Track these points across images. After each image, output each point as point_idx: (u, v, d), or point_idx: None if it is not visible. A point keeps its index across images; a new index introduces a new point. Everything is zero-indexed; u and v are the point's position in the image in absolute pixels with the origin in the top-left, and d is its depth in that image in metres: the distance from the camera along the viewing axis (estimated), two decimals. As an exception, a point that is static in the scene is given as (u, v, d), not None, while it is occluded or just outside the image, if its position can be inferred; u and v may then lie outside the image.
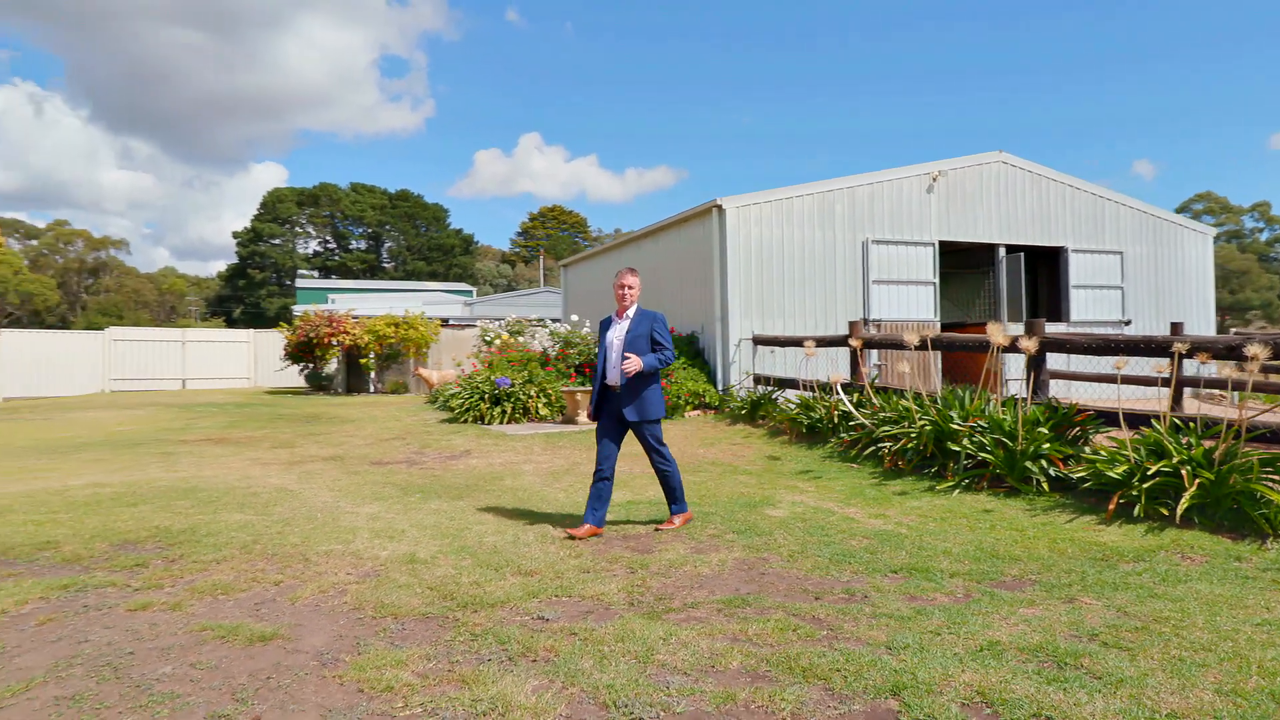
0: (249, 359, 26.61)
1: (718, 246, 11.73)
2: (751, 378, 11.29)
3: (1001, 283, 13.70)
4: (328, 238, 79.33)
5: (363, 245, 78.96)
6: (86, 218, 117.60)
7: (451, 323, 23.04)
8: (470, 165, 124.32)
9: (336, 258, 77.83)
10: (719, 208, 11.71)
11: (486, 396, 11.73)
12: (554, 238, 78.93)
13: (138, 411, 16.69)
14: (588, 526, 5.48)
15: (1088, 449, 6.08)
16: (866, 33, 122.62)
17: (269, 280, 75.90)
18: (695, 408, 11.34)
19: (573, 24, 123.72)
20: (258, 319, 64.14)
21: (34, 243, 73.20)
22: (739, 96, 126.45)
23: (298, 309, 26.10)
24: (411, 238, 77.66)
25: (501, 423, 11.56)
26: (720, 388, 11.68)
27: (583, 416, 11.28)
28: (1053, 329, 13.81)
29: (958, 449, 6.60)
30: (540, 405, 11.84)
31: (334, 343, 21.06)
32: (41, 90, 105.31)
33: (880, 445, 7.46)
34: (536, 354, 13.23)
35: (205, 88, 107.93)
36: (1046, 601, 4.10)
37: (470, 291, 41.87)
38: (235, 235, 75.98)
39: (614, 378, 5.61)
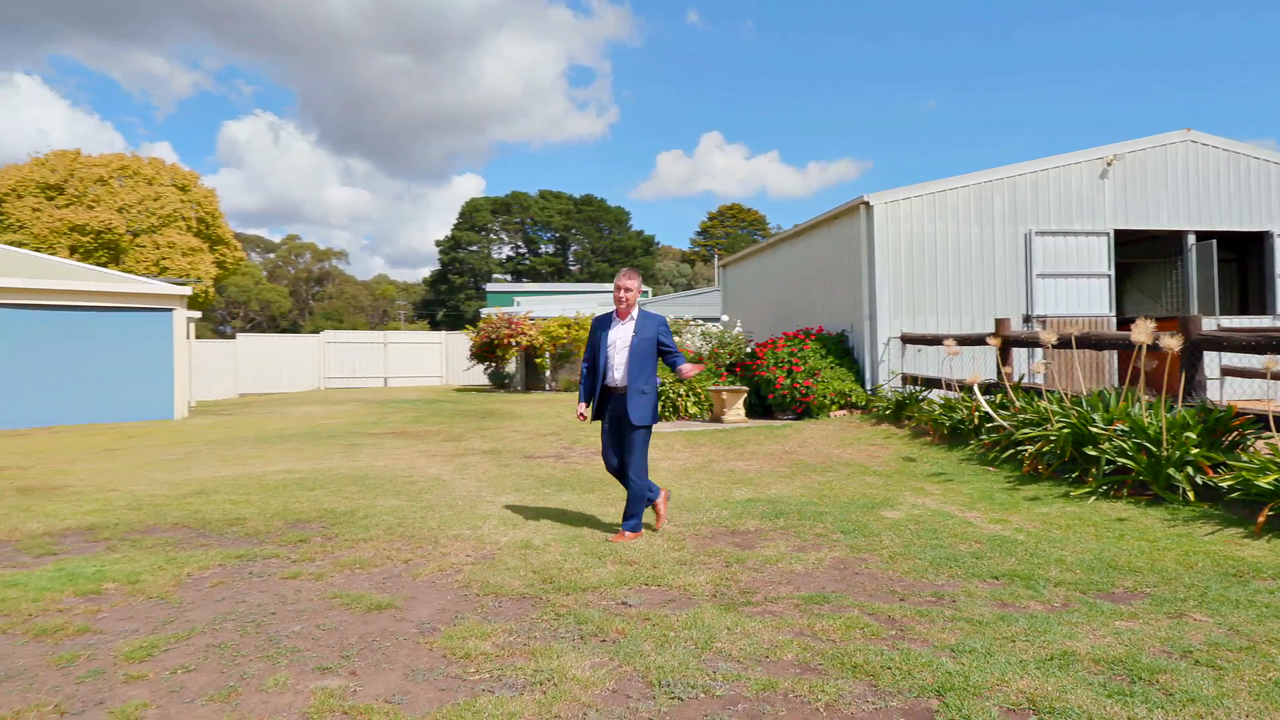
0: (441, 359, 28.84)
1: (865, 244, 11.50)
2: (900, 377, 11.00)
3: (1191, 273, 12.44)
4: (519, 243, 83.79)
5: (550, 249, 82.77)
6: (315, 231, 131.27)
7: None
8: (652, 167, 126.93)
9: (526, 261, 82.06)
10: (866, 204, 11.48)
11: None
12: (732, 236, 79.00)
13: (341, 406, 18.61)
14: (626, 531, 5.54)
15: (1244, 456, 5.56)
16: (1057, 17, 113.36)
17: (467, 284, 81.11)
18: (841, 407, 11.21)
19: (754, 21, 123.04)
20: (457, 321, 68.86)
21: (271, 256, 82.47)
22: (924, 85, 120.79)
23: (485, 312, 27.95)
24: (595, 240, 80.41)
25: (652, 420, 11.96)
26: (868, 387, 11.47)
27: (729, 414, 11.47)
28: (1254, 322, 12.40)
29: (1096, 454, 6.22)
30: (690, 404, 12.15)
31: (512, 343, 22.41)
32: (278, 119, 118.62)
33: (1019, 448, 7.13)
34: (689, 353, 13.56)
35: (413, 108, 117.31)
36: (1150, 615, 3.88)
37: (646, 292, 42.90)
38: (438, 243, 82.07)
39: (617, 379, 5.60)
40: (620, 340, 5.66)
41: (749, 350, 12.89)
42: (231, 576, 4.68)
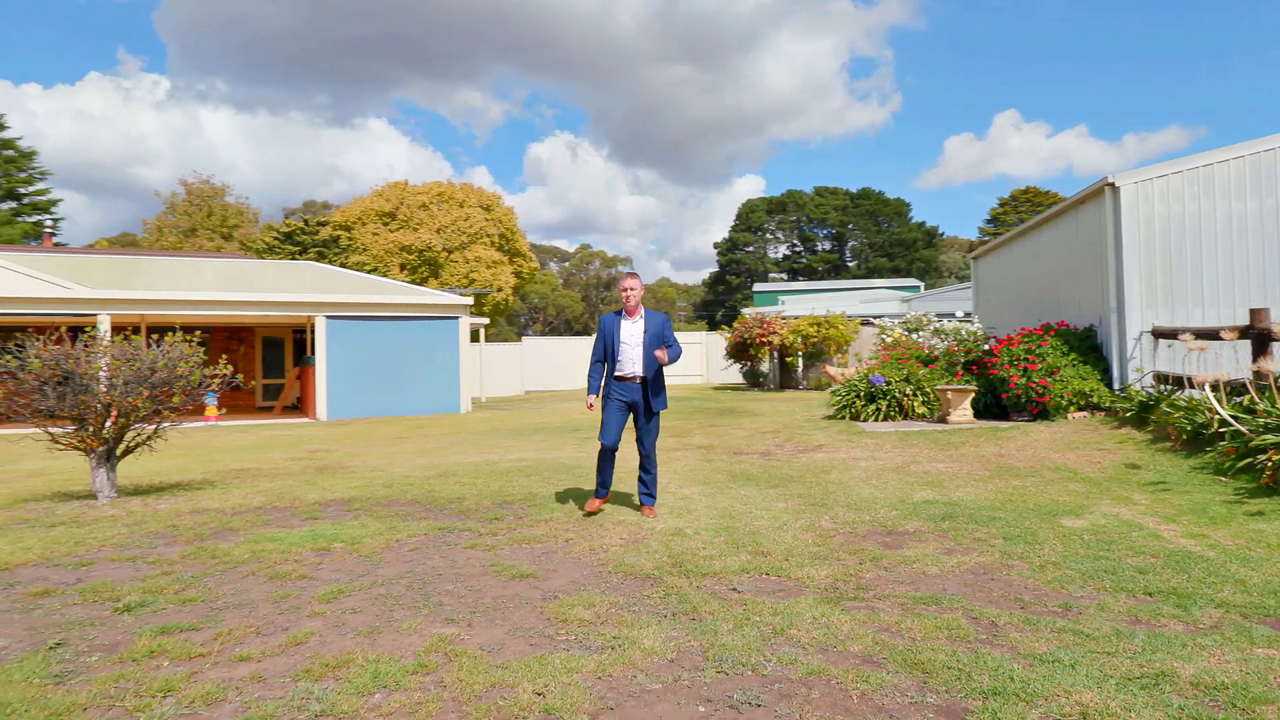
0: (702, 358, 29.90)
1: (1111, 229, 10.31)
2: (1152, 375, 9.78)
3: None
4: (795, 241, 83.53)
5: (827, 246, 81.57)
6: (607, 239, 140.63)
7: (873, 320, 23.23)
8: (939, 153, 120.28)
9: (803, 260, 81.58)
10: (1111, 186, 10.30)
11: (862, 394, 12.00)
12: (1026, 221, 72.64)
13: (601, 403, 20.08)
14: (598, 499, 6.39)
15: None
16: None
17: (744, 284, 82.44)
18: (1081, 408, 10.21)
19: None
20: (733, 321, 70.38)
21: (565, 264, 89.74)
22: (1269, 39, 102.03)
23: (746, 312, 28.51)
24: (873, 235, 77.97)
25: (876, 420, 11.73)
26: (1116, 386, 10.33)
27: (955, 415, 10.94)
28: None
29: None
30: (917, 404, 11.73)
31: (764, 343, 22.74)
32: (574, 138, 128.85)
33: (1259, 457, 6.21)
34: (924, 351, 13.04)
35: (694, 115, 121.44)
36: (1306, 646, 3.43)
37: (917, 286, 40.99)
38: (715, 245, 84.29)
39: (635, 370, 6.26)
40: (633, 336, 6.30)
41: (986, 348, 12.15)
42: (428, 544, 5.60)
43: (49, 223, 40.44)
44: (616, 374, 6.33)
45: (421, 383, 18.30)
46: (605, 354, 6.39)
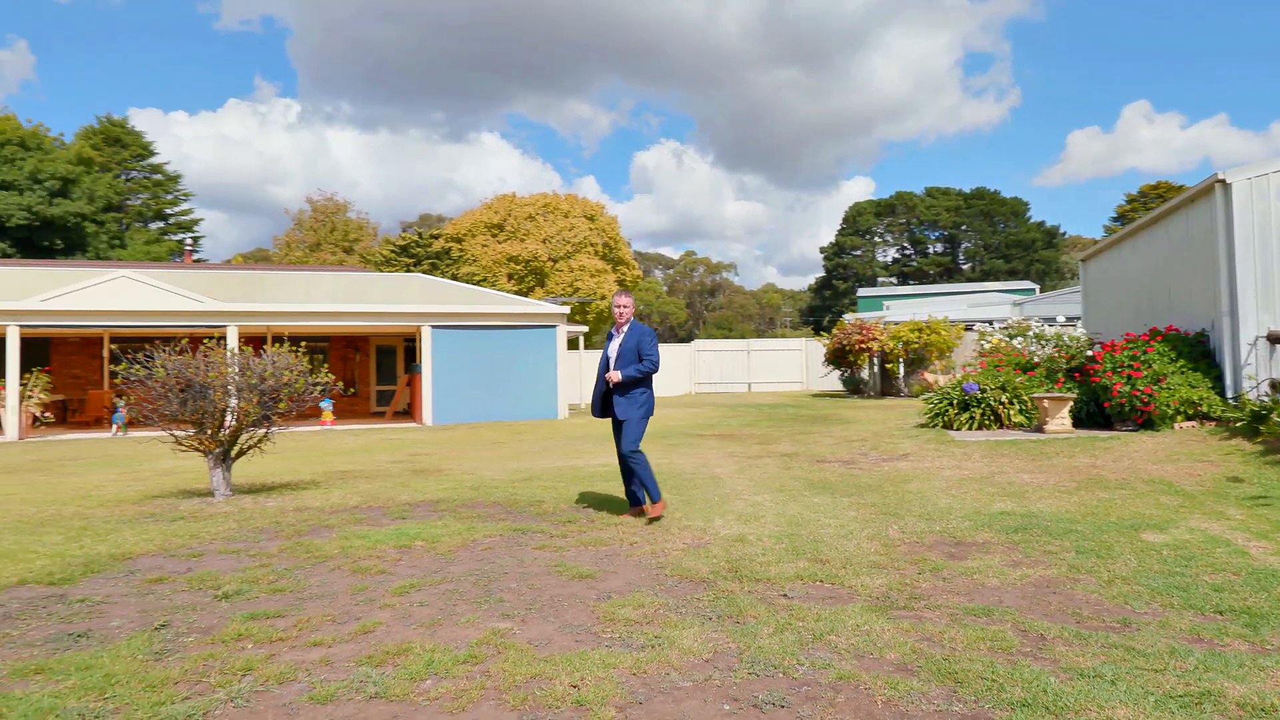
0: (801, 364, 29.58)
1: (1223, 228, 9.68)
2: (1268, 383, 9.13)
3: None
4: (905, 244, 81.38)
5: (939, 248, 79.08)
6: (713, 246, 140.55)
7: (977, 326, 22.47)
8: (1061, 149, 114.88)
9: (913, 263, 79.36)
10: (1222, 183, 9.67)
11: (955, 402, 11.68)
12: (1134, 221, 68.40)
13: (696, 410, 20.23)
14: (637, 509, 6.65)
15: None
16: None
17: (851, 289, 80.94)
18: (1189, 418, 9.63)
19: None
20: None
21: (670, 271, 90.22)
22: None
23: (847, 318, 28.08)
24: (988, 236, 75.10)
25: (969, 429, 11.40)
26: (1230, 395, 9.70)
27: (1052, 424, 10.51)
28: None
29: None
30: (1014, 412, 11.32)
31: (863, 349, 22.35)
32: (680, 145, 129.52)
33: (1372, 471, 5.78)
34: (1023, 357, 12.56)
35: (801, 118, 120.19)
36: (1378, 672, 3.25)
37: (1032, 290, 39.26)
38: (821, 250, 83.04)
39: (611, 379, 6.50)
40: (614, 350, 6.65)
41: (1089, 354, 11.61)
42: (501, 544, 5.88)
43: (189, 241, 43.71)
44: (601, 387, 6.71)
45: (520, 389, 18.90)
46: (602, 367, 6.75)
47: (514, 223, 45.89)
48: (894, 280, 78.77)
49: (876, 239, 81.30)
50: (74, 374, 22.21)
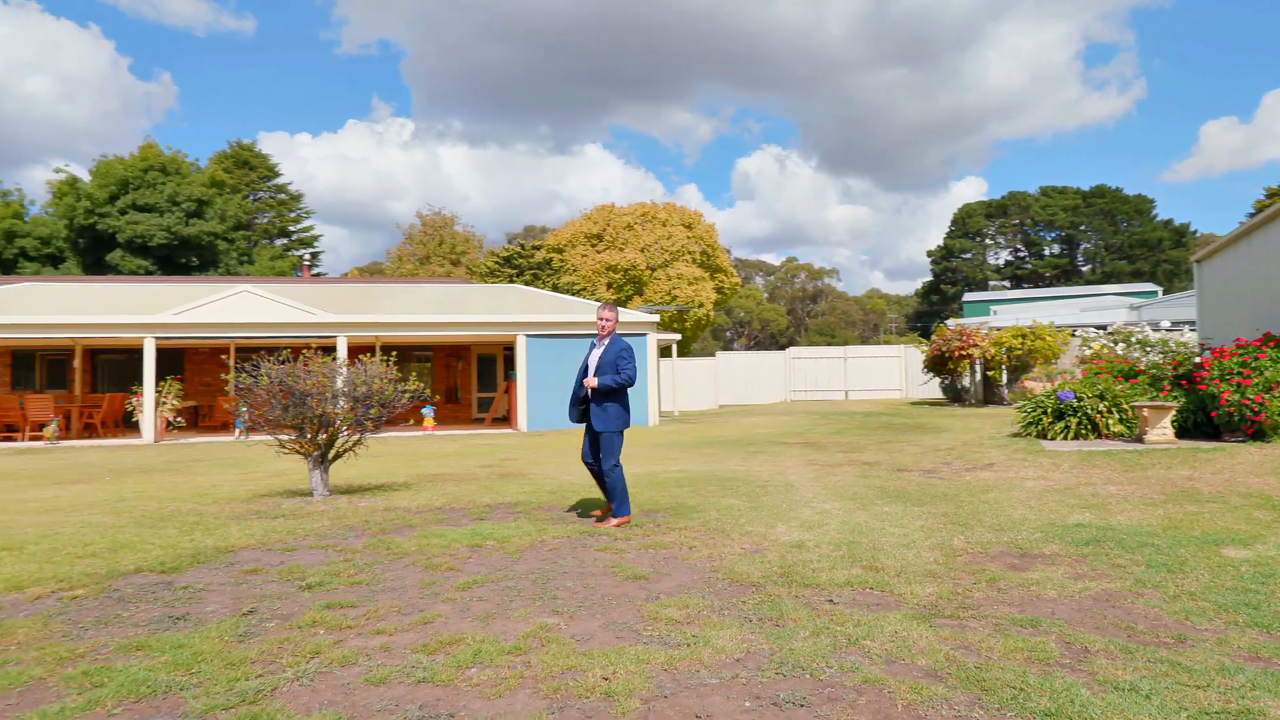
0: (900, 372, 28.89)
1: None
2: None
3: None
4: (1018, 246, 78.23)
5: (1055, 250, 75.64)
6: (817, 251, 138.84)
7: (1080, 331, 21.46)
8: (1193, 142, 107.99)
9: (1027, 265, 76.17)
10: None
11: (1049, 411, 11.25)
12: (1254, 218, 63.51)
13: (788, 418, 20.10)
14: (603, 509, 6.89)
15: None
16: None
17: (961, 294, 78.35)
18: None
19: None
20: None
21: (770, 278, 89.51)
22: None
23: (951, 323, 27.31)
24: (1109, 236, 71.34)
25: (1064, 439, 10.96)
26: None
27: (1152, 434, 10.00)
28: None
29: None
30: (1112, 421, 10.82)
31: (964, 356, 21.70)
32: (782, 150, 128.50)
33: None
34: (1125, 364, 11.96)
35: (907, 119, 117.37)
36: None
37: (1155, 292, 37.08)
38: (929, 254, 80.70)
39: (585, 390, 6.77)
40: (593, 361, 6.87)
41: (1197, 360, 10.99)
42: (566, 546, 6.12)
43: (308, 256, 46.30)
44: (577, 394, 6.93)
45: (611, 397, 19.21)
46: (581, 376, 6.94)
47: (613, 232, 46.57)
48: (1006, 284, 75.75)
49: (987, 241, 78.43)
50: (204, 381, 23.92)
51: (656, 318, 19.94)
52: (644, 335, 19.67)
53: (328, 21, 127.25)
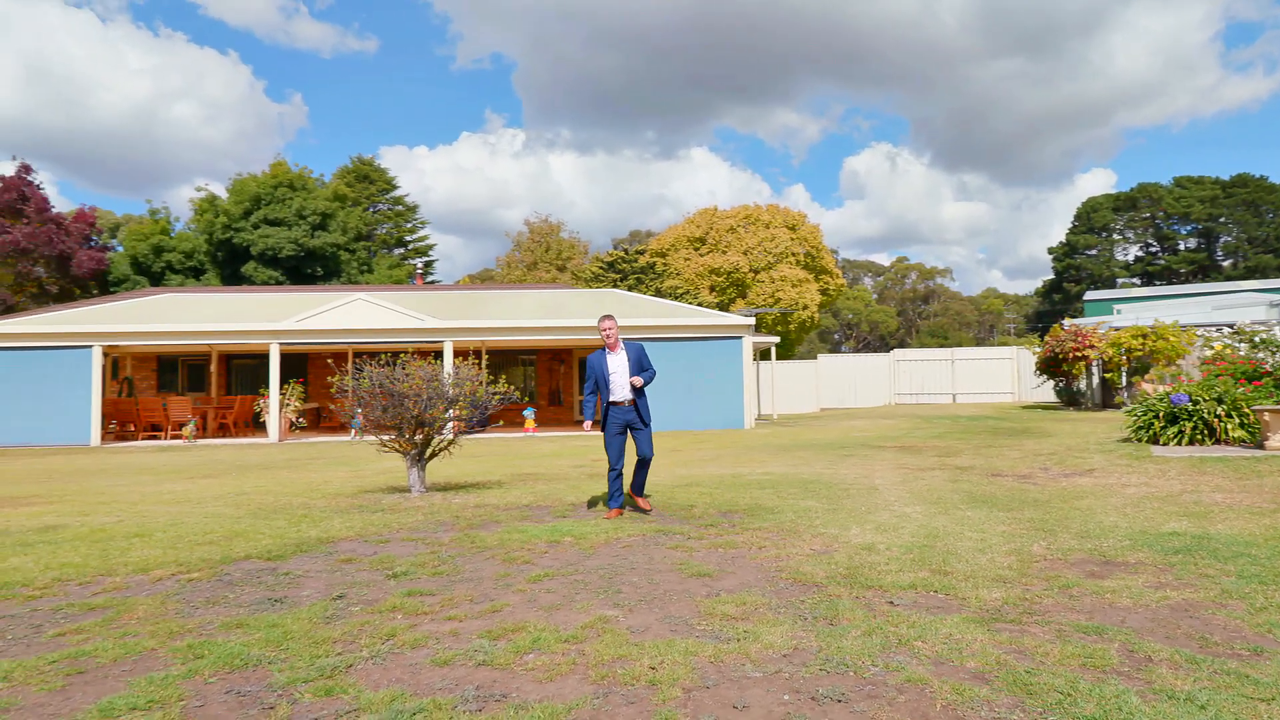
0: (1012, 374, 27.73)
1: None
2: None
3: None
4: (1149, 241, 73.73)
5: (1191, 244, 70.84)
6: (931, 250, 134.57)
7: (1202, 331, 20.08)
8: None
9: (1159, 261, 71.70)
10: None
11: (1161, 415, 10.64)
12: None
13: (888, 421, 19.68)
14: (614, 509, 7.42)
15: None
16: None
17: (1085, 292, 74.47)
18: None
19: None
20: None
21: (879, 278, 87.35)
22: None
23: (1070, 323, 26.11)
24: (1252, 228, 66.37)
25: (1177, 444, 10.35)
26: None
27: (1274, 440, 9.33)
28: None
29: None
30: (1232, 426, 10.13)
31: (1079, 357, 20.71)
32: (893, 148, 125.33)
33: None
34: (1249, 365, 11.17)
35: (1027, 111, 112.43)
36: None
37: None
38: (1050, 251, 77.01)
39: (622, 395, 7.36)
40: (619, 367, 7.41)
41: (1330, 360, 10.18)
42: (639, 543, 6.29)
43: (420, 265, 48.31)
44: (611, 400, 7.46)
45: (706, 399, 19.33)
46: (596, 387, 7.52)
47: (715, 235, 46.58)
48: (1135, 281, 71.47)
49: (1115, 236, 74.23)
50: (325, 385, 25.38)
51: (751, 321, 19.91)
52: (739, 338, 19.67)
53: (444, 38, 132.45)
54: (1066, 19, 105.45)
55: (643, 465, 7.65)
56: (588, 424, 8.01)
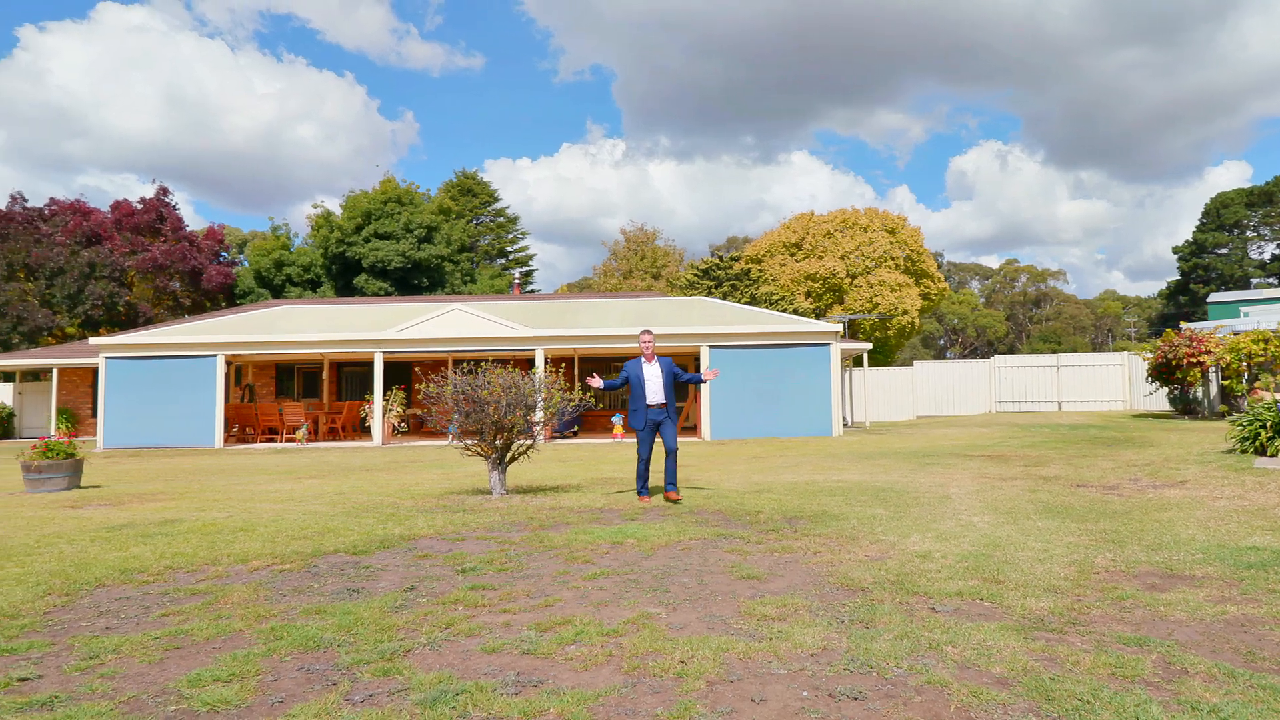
0: (1122, 381, 26.38)
1: None
2: None
3: None
4: (1292, 237, 68.54)
5: (1337, 240, 65.54)
6: (1045, 251, 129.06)
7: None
8: None
9: (1298, 259, 66.55)
10: None
11: (1269, 425, 10.05)
12: None
13: (984, 430, 19.14)
14: (644, 496, 8.90)
15: None
16: None
17: (1211, 294, 69.92)
18: None
19: None
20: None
21: (987, 282, 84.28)
22: None
23: (1185, 326, 24.76)
24: None
25: (1286, 455, 9.77)
26: None
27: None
28: None
29: None
30: (1346, 436, 9.50)
31: (1194, 363, 19.63)
32: (1004, 146, 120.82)
33: None
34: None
35: (1149, 102, 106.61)
36: None
37: None
38: (1175, 250, 72.72)
39: (659, 399, 8.85)
40: (654, 376, 8.88)
41: None
42: (698, 546, 6.47)
43: (518, 275, 49.68)
44: (647, 403, 8.84)
45: (793, 406, 19.26)
46: (627, 385, 8.93)
47: (811, 240, 46.11)
48: (1272, 281, 66.64)
49: (1249, 234, 69.42)
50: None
51: (838, 327, 19.72)
52: (826, 345, 19.52)
53: (545, 52, 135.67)
54: (1191, 4, 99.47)
55: (670, 457, 8.81)
56: (597, 380, 8.93)
